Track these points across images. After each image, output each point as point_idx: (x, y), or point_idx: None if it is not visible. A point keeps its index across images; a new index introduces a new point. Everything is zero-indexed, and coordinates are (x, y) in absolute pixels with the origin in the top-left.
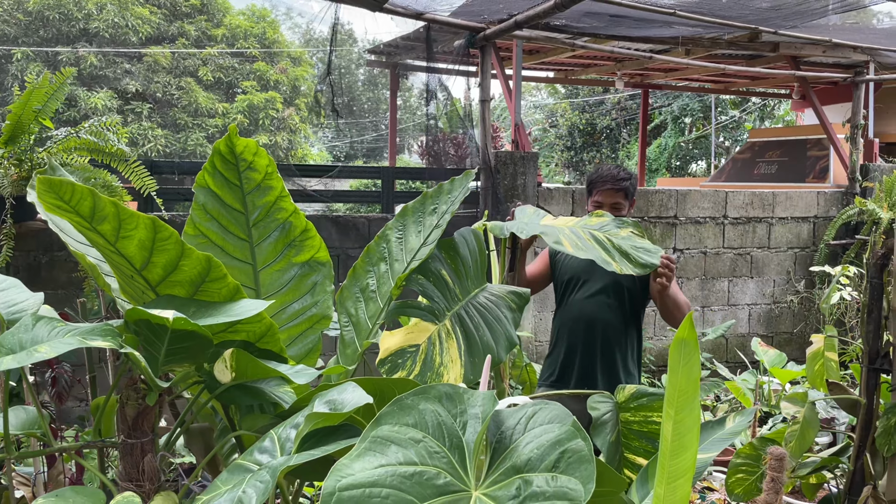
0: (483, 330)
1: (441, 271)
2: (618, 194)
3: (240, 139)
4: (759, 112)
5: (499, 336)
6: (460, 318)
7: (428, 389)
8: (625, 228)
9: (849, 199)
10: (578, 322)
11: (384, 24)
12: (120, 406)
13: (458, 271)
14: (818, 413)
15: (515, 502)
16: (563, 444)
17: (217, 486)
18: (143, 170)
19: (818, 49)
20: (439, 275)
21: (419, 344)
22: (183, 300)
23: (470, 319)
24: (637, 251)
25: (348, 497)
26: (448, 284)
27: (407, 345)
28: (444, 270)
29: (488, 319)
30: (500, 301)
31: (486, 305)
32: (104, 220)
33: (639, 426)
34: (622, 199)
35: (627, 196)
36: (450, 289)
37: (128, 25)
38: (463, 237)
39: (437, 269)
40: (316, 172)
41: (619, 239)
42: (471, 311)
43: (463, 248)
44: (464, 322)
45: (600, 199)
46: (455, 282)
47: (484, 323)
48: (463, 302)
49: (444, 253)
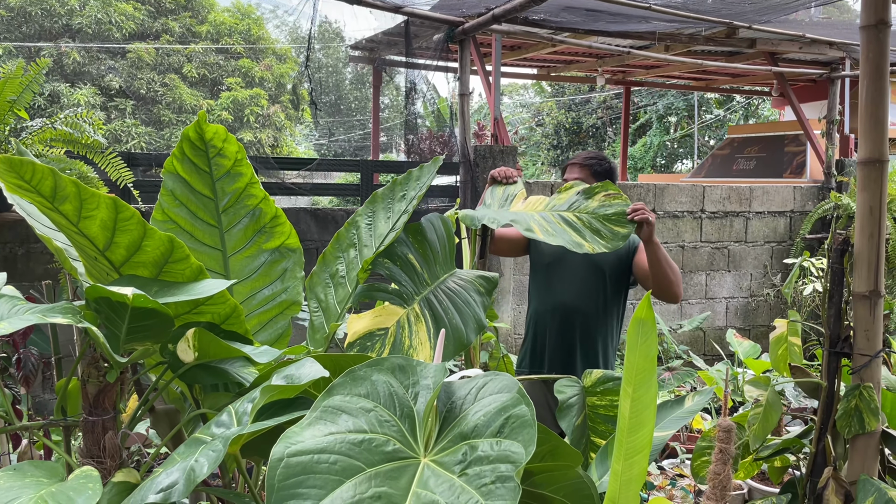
0: (452, 313)
1: (408, 255)
2: (582, 170)
3: (209, 125)
4: (744, 111)
5: (468, 319)
6: (429, 301)
7: (381, 361)
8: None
9: (825, 194)
10: (556, 311)
11: (364, 21)
12: (82, 384)
13: (426, 256)
14: (785, 398)
15: (461, 467)
16: (507, 410)
17: (174, 458)
18: (119, 161)
19: (795, 45)
20: (406, 259)
21: (388, 327)
22: (145, 280)
23: (439, 303)
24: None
25: (296, 462)
26: (416, 269)
27: (375, 328)
28: (412, 255)
29: (457, 303)
30: (469, 285)
31: (455, 290)
32: (65, 199)
33: (605, 410)
34: (587, 176)
35: (594, 175)
36: (418, 273)
37: (111, 21)
38: (430, 222)
39: (403, 253)
40: (294, 165)
41: (589, 213)
42: (440, 295)
43: (431, 234)
44: (432, 306)
45: (567, 176)
46: (423, 266)
47: (453, 306)
48: (432, 286)
49: (412, 238)
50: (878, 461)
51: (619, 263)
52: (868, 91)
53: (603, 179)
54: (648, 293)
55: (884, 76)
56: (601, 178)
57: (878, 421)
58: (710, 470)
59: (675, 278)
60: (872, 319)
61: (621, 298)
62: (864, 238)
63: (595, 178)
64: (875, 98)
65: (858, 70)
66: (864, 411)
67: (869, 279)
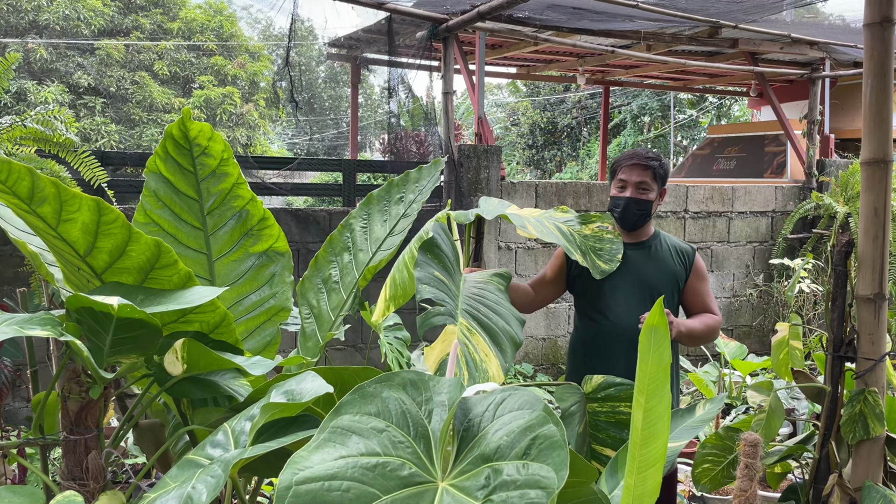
0: (493, 317)
1: (436, 274)
2: (645, 172)
3: (193, 123)
4: (716, 111)
5: (508, 318)
6: (468, 312)
7: (391, 376)
8: (590, 224)
9: (806, 194)
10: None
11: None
12: (62, 400)
13: (447, 268)
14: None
15: (484, 493)
16: (533, 429)
17: (166, 482)
18: (92, 160)
19: (776, 46)
20: (436, 278)
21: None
22: (130, 287)
23: (476, 311)
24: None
25: (305, 491)
26: (446, 284)
27: (445, 354)
28: (438, 272)
29: (490, 306)
30: (489, 285)
31: (481, 294)
32: (44, 201)
33: (606, 417)
34: (649, 180)
35: (656, 178)
36: (448, 288)
37: (79, 18)
38: (438, 234)
39: (431, 273)
40: (274, 165)
41: (582, 237)
42: (472, 303)
43: (445, 246)
44: (474, 315)
45: (624, 177)
46: (448, 279)
47: (489, 310)
48: (461, 296)
49: (430, 254)
50: (882, 467)
51: (673, 284)
52: (872, 89)
53: (663, 182)
54: (661, 299)
55: (888, 74)
56: (661, 180)
57: (882, 426)
58: (737, 486)
59: (711, 339)
60: (877, 323)
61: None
62: (869, 240)
63: (656, 181)
64: (879, 96)
65: (839, 70)
66: (868, 416)
67: (873, 282)
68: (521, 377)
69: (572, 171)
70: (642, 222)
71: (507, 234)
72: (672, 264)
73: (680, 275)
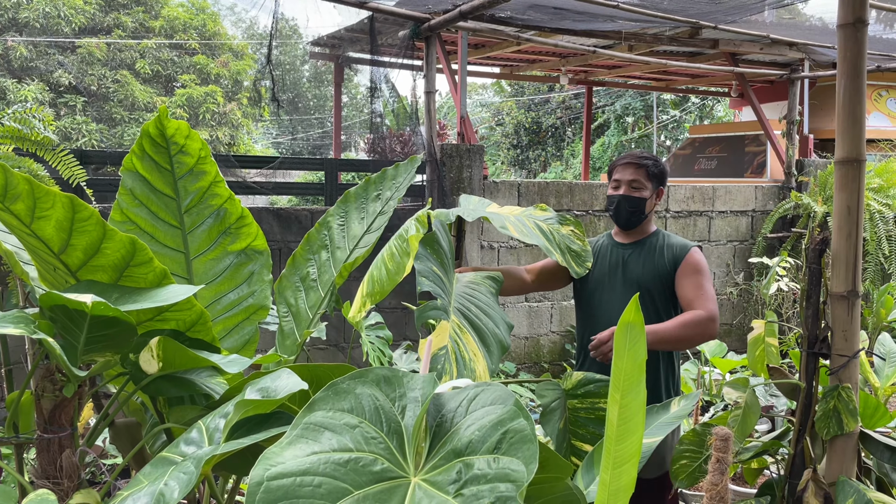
0: (484, 318)
1: (433, 269)
2: (638, 171)
3: (171, 121)
4: (699, 111)
5: (498, 321)
6: (459, 311)
7: (365, 373)
8: (566, 225)
9: (785, 194)
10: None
11: (329, 17)
12: (36, 399)
13: (443, 264)
14: (759, 399)
15: (456, 487)
16: (504, 424)
17: (139, 480)
18: (71, 159)
19: (756, 46)
20: (434, 272)
21: (446, 345)
22: (105, 285)
23: (468, 310)
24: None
25: (277, 487)
26: (442, 279)
27: (437, 349)
28: (435, 267)
29: (481, 307)
30: (481, 286)
31: (472, 294)
32: (17, 198)
33: (586, 413)
34: (642, 178)
35: (650, 177)
36: (444, 283)
37: (60, 15)
38: (439, 229)
39: (430, 267)
40: (256, 164)
41: (561, 235)
42: (464, 302)
43: (444, 241)
44: (465, 314)
45: (618, 176)
46: (444, 276)
47: (479, 311)
48: (454, 294)
49: (430, 249)
50: (855, 462)
51: (663, 282)
52: (846, 90)
53: (658, 181)
54: (636, 297)
55: (861, 75)
56: (656, 179)
57: (856, 422)
58: (708, 480)
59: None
60: (850, 320)
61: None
62: (842, 238)
63: (650, 180)
64: (853, 97)
65: (818, 71)
66: (842, 412)
67: (847, 279)
68: (503, 375)
69: (557, 171)
70: (636, 219)
71: (489, 234)
72: (658, 262)
73: (665, 272)
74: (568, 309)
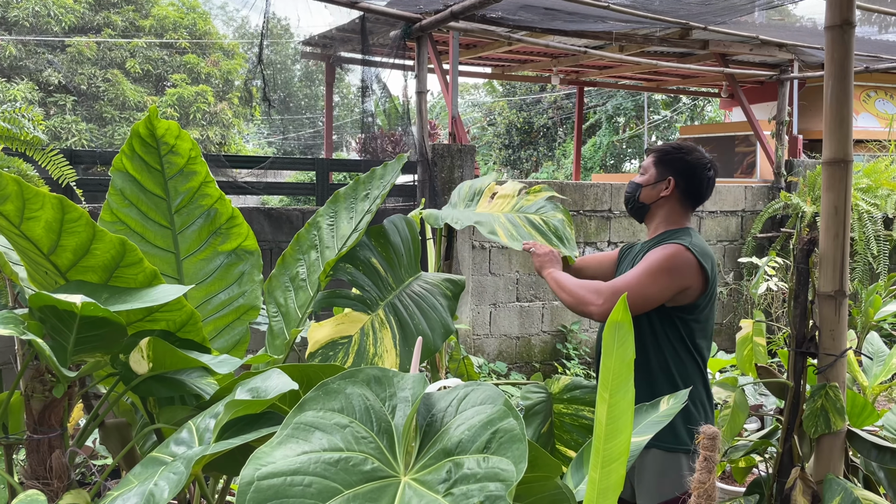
0: (418, 318)
1: (371, 259)
2: (647, 158)
3: (161, 121)
4: (690, 112)
5: (434, 324)
6: (394, 307)
7: (356, 373)
8: (558, 212)
9: (775, 194)
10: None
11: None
12: (25, 399)
13: (390, 259)
14: (747, 398)
15: (446, 486)
16: (494, 423)
17: (129, 480)
18: (60, 158)
19: (746, 47)
20: (369, 263)
21: (351, 335)
22: (94, 286)
23: (404, 308)
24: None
25: (267, 486)
26: (380, 273)
27: (338, 336)
28: (375, 259)
29: (423, 308)
30: (435, 289)
31: (421, 294)
32: (6, 199)
33: (571, 419)
34: (649, 164)
35: (657, 163)
36: (382, 277)
37: (50, 14)
38: (394, 224)
39: (366, 257)
40: (247, 164)
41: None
42: (405, 300)
43: (394, 236)
44: (398, 311)
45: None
46: (387, 270)
47: (419, 311)
48: (396, 291)
49: (374, 241)
50: (843, 460)
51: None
52: (833, 91)
53: (668, 169)
54: (624, 296)
55: (848, 76)
56: (668, 167)
57: (843, 420)
58: (696, 479)
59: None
60: (837, 319)
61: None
62: (830, 238)
63: (657, 167)
64: (840, 98)
65: (807, 72)
66: (830, 411)
67: (834, 279)
68: (494, 375)
69: (548, 171)
70: (635, 207)
71: (480, 234)
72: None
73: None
74: (559, 309)
